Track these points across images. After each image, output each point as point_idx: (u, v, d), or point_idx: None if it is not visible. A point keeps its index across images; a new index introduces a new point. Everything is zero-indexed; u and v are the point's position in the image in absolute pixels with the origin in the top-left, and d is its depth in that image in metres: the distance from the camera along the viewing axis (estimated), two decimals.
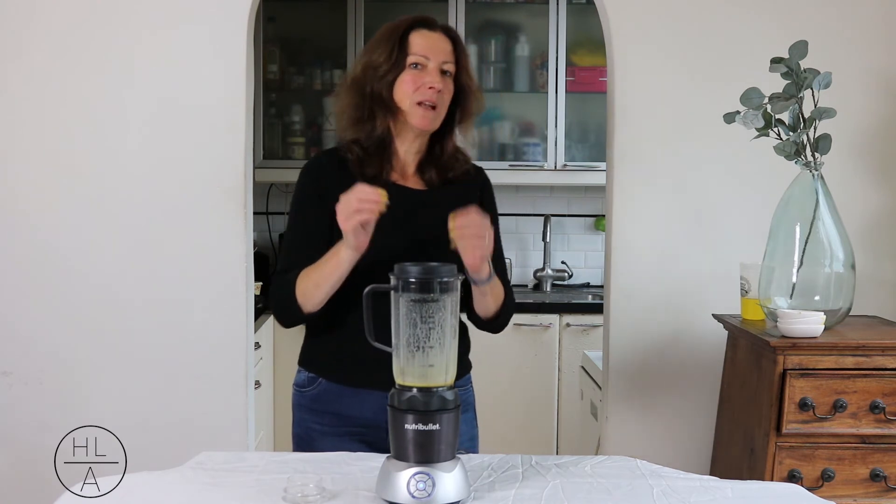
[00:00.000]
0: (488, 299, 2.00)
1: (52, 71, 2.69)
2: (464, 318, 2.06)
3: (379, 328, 1.68)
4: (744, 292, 2.51)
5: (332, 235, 1.94)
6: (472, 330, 2.11)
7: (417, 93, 1.99)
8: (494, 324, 2.08)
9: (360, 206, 1.81)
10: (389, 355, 1.64)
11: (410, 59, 1.99)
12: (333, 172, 2.03)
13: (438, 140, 2.08)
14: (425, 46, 2.00)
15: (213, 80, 2.69)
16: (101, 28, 2.68)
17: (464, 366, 2.12)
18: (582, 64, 4.42)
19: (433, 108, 1.99)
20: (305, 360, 2.10)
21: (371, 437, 2.00)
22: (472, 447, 2.11)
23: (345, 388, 2.03)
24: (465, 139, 2.13)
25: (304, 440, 2.06)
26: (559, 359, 4.17)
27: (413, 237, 1.98)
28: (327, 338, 2.05)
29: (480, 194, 2.14)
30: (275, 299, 2.01)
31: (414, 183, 2.08)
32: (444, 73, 2.01)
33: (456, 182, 2.10)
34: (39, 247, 2.71)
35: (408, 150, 2.07)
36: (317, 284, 1.93)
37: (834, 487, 2.30)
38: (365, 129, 2.04)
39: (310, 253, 1.96)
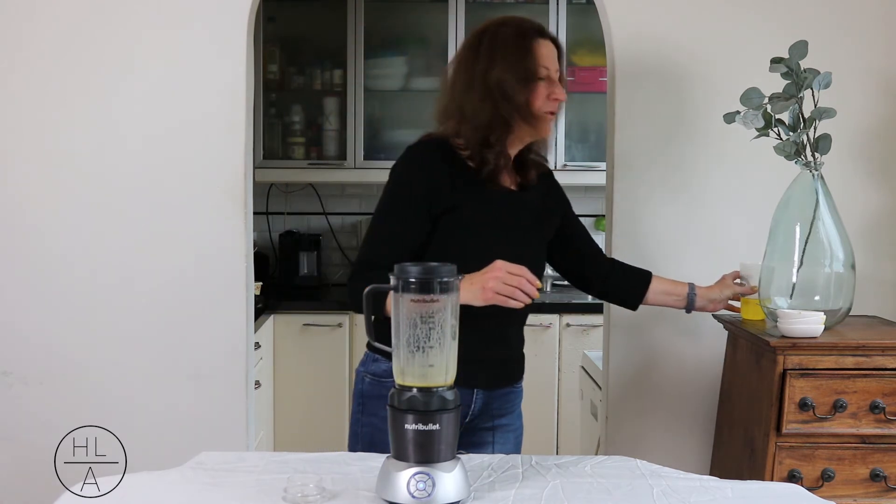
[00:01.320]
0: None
1: (52, 70, 2.69)
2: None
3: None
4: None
5: (429, 237, 2.02)
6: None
7: (548, 103, 2.09)
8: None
9: (513, 293, 1.87)
10: (482, 355, 1.72)
11: (541, 72, 2.08)
12: (445, 170, 2.05)
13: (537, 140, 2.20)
14: (547, 57, 2.09)
15: (213, 80, 2.69)
16: (102, 28, 2.68)
17: (523, 365, 2.27)
18: (582, 64, 4.42)
19: (555, 114, 2.13)
20: None
21: None
22: (518, 444, 2.24)
23: None
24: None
25: (369, 440, 2.07)
26: (559, 359, 4.17)
27: (512, 241, 2.08)
28: None
29: (556, 194, 2.30)
30: (354, 298, 1.90)
31: (510, 183, 2.16)
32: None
33: (537, 181, 2.21)
34: (39, 246, 2.71)
35: (513, 152, 2.16)
36: None
37: (834, 487, 2.30)
38: (494, 133, 2.07)
39: (401, 253, 1.97)
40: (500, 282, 1.86)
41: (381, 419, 1.96)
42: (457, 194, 2.03)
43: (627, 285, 2.41)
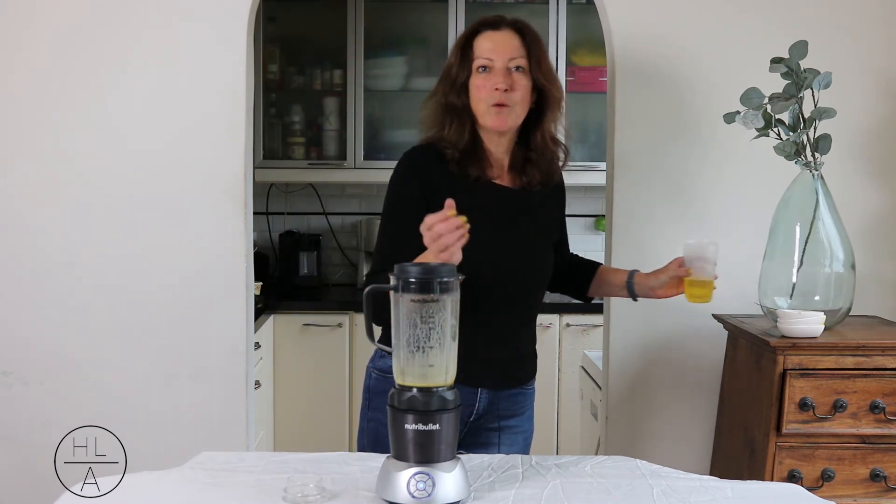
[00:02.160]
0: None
1: (51, 70, 2.68)
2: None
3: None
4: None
5: None
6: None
7: (488, 96, 2.02)
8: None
9: (442, 240, 1.79)
10: (487, 354, 1.72)
11: (476, 63, 2.04)
12: (437, 170, 2.06)
13: (525, 136, 2.13)
14: (490, 48, 2.04)
15: (213, 80, 2.69)
16: (101, 28, 2.68)
17: (534, 366, 2.24)
18: (582, 64, 4.42)
19: (505, 106, 2.03)
20: None
21: None
22: (527, 443, 2.25)
23: None
24: (557, 129, 2.17)
25: (374, 434, 2.08)
26: (559, 359, 4.17)
27: (513, 238, 2.07)
28: None
29: (557, 196, 2.23)
30: (371, 305, 1.98)
31: (510, 181, 2.13)
32: (516, 69, 2.04)
33: (544, 182, 2.15)
34: (40, 246, 2.71)
35: (497, 149, 2.12)
36: None
37: (834, 487, 2.30)
38: (451, 136, 2.08)
39: (409, 254, 1.95)
40: (432, 242, 1.80)
41: (387, 414, 2.00)
42: (449, 195, 1.99)
43: (574, 277, 2.39)
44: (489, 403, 2.13)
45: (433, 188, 2.03)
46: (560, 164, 2.22)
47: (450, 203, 1.80)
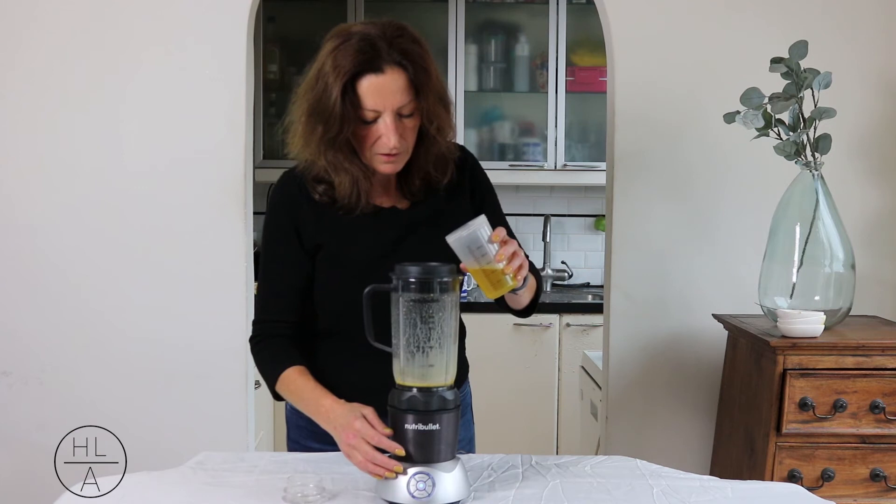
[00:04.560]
0: (524, 296, 1.85)
1: (51, 69, 2.68)
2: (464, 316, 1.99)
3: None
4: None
5: (313, 272, 1.88)
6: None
7: (376, 147, 1.78)
8: (530, 309, 1.93)
9: (366, 467, 1.62)
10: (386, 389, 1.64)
11: (362, 114, 1.75)
12: (307, 205, 1.87)
13: (416, 157, 1.86)
14: (375, 100, 1.74)
15: (213, 80, 2.69)
16: (101, 28, 2.68)
17: (465, 366, 2.03)
18: (582, 64, 4.42)
19: (395, 154, 1.79)
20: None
21: None
22: (470, 449, 2.06)
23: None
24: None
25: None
26: (559, 359, 4.17)
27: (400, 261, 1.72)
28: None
29: (470, 184, 1.96)
30: (258, 368, 1.92)
31: (398, 199, 1.91)
32: (406, 115, 1.78)
33: (441, 188, 1.91)
34: (39, 246, 2.71)
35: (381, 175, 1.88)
36: (295, 405, 1.89)
37: (834, 487, 2.30)
38: (340, 190, 1.83)
39: (290, 298, 1.88)
40: (353, 450, 1.63)
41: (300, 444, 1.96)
42: (320, 232, 1.87)
43: None
44: None
45: (305, 223, 1.87)
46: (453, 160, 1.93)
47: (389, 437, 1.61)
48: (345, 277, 1.86)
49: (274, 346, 1.90)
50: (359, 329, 1.70)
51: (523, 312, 1.94)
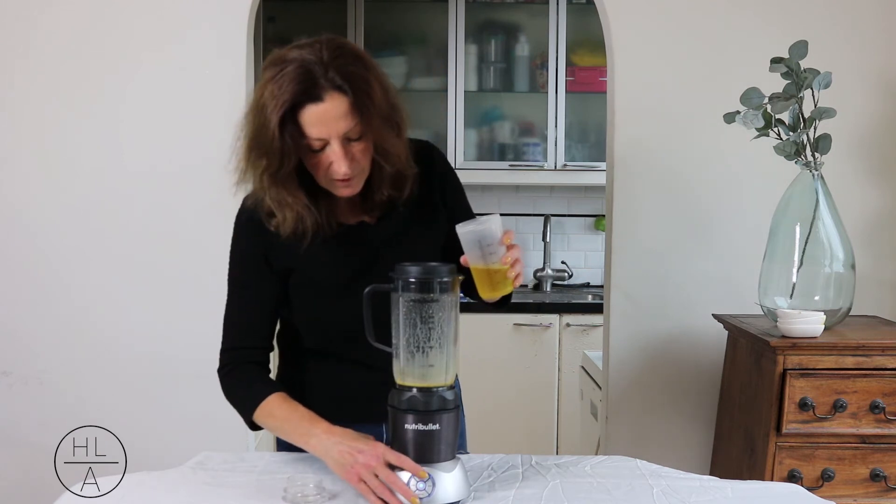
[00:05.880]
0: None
1: (51, 69, 2.69)
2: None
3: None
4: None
5: (285, 294, 1.84)
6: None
7: (329, 173, 1.71)
8: (506, 301, 1.86)
9: (362, 487, 1.60)
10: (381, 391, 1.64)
11: (310, 143, 1.68)
12: (272, 231, 1.78)
13: (374, 174, 1.79)
14: (320, 128, 1.66)
15: (213, 80, 2.69)
16: (102, 28, 2.68)
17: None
18: (582, 64, 4.42)
19: (349, 179, 1.72)
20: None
21: None
22: (461, 444, 1.98)
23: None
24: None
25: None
26: (559, 359, 4.17)
27: (372, 280, 1.70)
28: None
29: (441, 185, 1.91)
30: (230, 398, 1.86)
31: (364, 212, 1.84)
32: (354, 139, 1.70)
33: (400, 203, 1.83)
34: (40, 246, 2.71)
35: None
36: (277, 432, 1.87)
37: (834, 487, 2.30)
38: (282, 224, 1.75)
39: (261, 325, 1.84)
40: (370, 475, 1.59)
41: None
42: (289, 257, 1.81)
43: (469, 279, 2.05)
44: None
45: (272, 247, 1.80)
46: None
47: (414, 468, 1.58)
48: (320, 301, 1.84)
49: (247, 374, 1.85)
50: (345, 346, 1.72)
51: (502, 301, 1.84)
